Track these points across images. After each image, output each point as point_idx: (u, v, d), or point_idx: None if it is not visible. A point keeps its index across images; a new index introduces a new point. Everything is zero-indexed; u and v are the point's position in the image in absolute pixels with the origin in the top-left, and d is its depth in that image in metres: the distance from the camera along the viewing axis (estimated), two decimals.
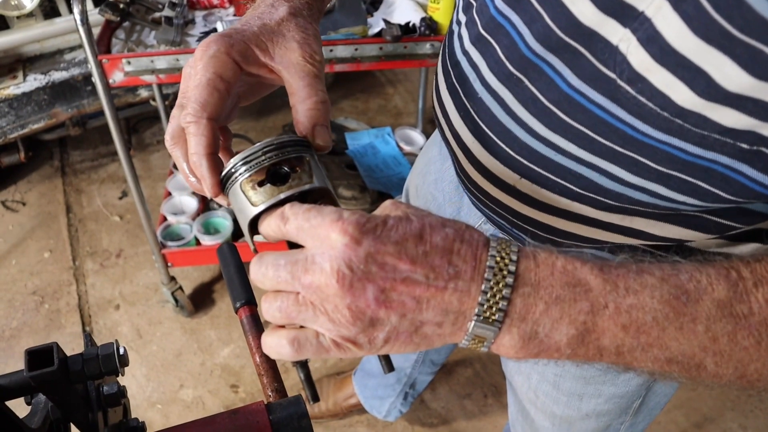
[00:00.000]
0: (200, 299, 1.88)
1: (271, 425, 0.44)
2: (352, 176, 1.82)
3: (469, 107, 0.54)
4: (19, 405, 0.43)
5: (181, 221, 1.73)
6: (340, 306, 0.36)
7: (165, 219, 1.74)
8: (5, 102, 1.78)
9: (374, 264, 0.35)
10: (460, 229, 0.38)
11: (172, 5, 1.41)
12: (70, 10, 1.68)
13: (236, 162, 0.43)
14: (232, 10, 1.55)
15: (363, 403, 1.47)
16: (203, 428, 0.44)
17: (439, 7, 1.38)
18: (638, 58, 0.38)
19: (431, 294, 0.36)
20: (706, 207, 0.45)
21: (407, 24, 1.38)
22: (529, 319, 0.37)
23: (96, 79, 1.27)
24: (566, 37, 0.42)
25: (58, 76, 1.84)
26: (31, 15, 1.77)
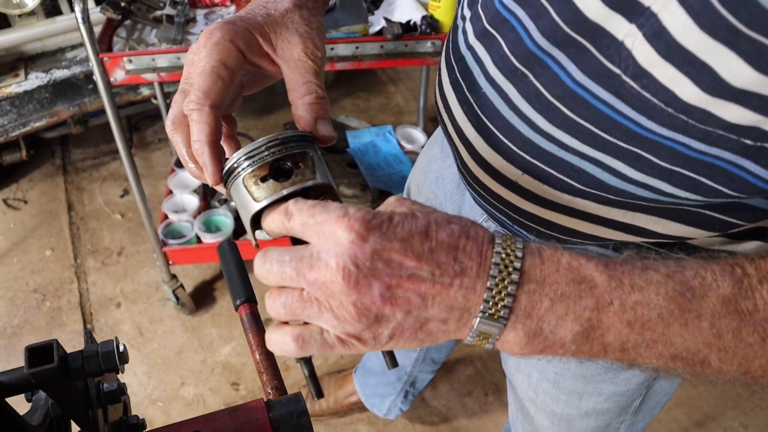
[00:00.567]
0: (201, 297, 1.88)
1: (270, 422, 0.44)
2: (353, 174, 1.82)
3: (473, 102, 0.54)
4: (20, 402, 0.43)
5: (183, 219, 1.73)
6: (346, 303, 0.36)
7: (166, 217, 1.74)
8: (7, 100, 1.78)
9: (380, 261, 0.35)
10: (466, 225, 0.38)
11: (174, 3, 1.41)
12: (72, 9, 1.68)
13: (239, 157, 0.43)
14: (233, 8, 1.55)
15: (363, 401, 1.47)
16: (203, 425, 0.44)
17: (440, 5, 1.38)
18: (644, 54, 0.38)
19: (437, 291, 0.36)
20: (708, 202, 0.45)
21: (408, 22, 1.38)
22: (534, 316, 0.37)
23: (97, 77, 1.27)
24: (572, 32, 0.42)
25: (59, 74, 1.84)
26: (32, 13, 1.77)
